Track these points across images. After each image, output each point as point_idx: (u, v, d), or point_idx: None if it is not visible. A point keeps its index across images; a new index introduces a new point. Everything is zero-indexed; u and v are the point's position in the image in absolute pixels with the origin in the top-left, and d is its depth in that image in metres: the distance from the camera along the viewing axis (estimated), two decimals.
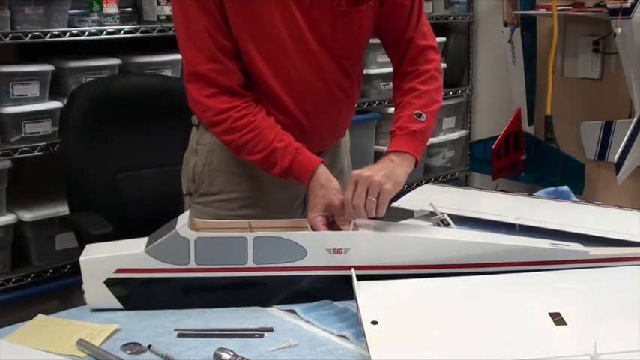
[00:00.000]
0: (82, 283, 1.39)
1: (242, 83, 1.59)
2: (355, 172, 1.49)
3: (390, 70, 1.77)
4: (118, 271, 1.37)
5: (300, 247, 1.38)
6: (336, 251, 1.39)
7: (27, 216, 2.42)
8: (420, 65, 1.66)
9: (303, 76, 1.60)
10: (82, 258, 1.39)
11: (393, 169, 1.51)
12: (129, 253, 1.38)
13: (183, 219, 1.40)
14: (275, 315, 1.37)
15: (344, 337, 1.27)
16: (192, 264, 1.37)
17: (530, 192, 2.14)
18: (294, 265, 1.38)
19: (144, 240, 1.41)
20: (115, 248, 1.42)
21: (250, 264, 1.38)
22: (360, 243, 1.40)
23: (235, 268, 1.38)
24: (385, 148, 1.59)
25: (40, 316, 1.34)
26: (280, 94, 1.60)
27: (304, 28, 1.56)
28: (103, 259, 1.38)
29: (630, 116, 3.01)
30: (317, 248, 1.38)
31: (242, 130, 1.56)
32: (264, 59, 1.57)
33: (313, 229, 1.48)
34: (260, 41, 1.55)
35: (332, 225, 1.51)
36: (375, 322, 1.20)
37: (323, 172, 1.54)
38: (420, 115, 1.59)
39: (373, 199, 1.46)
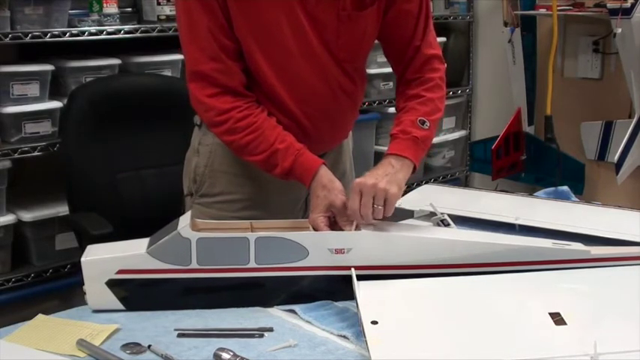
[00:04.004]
0: (82, 283, 1.39)
1: (244, 84, 1.58)
2: (357, 180, 1.48)
3: (390, 69, 1.77)
4: (120, 272, 1.37)
5: (302, 247, 1.38)
6: (338, 251, 1.39)
7: (27, 216, 2.42)
8: (426, 73, 1.66)
9: (307, 79, 1.60)
10: (83, 259, 1.39)
11: (395, 174, 1.50)
12: (130, 254, 1.38)
13: (184, 220, 1.40)
14: (275, 315, 1.37)
15: (344, 337, 1.27)
16: (194, 265, 1.37)
17: (530, 192, 2.14)
18: (297, 266, 1.38)
19: (145, 241, 1.41)
20: (116, 249, 1.41)
21: (252, 264, 1.38)
22: (362, 243, 1.40)
23: (237, 268, 1.38)
24: (385, 149, 1.59)
25: (40, 316, 1.34)
26: (283, 96, 1.60)
27: (309, 30, 1.55)
28: (105, 260, 1.38)
29: (630, 116, 3.01)
30: (319, 248, 1.39)
31: (244, 130, 1.56)
32: (267, 60, 1.57)
33: (315, 229, 1.48)
34: (264, 42, 1.55)
35: (333, 225, 1.50)
36: (375, 322, 1.20)
37: (325, 173, 1.54)
38: (423, 123, 1.59)
39: (380, 207, 1.45)
